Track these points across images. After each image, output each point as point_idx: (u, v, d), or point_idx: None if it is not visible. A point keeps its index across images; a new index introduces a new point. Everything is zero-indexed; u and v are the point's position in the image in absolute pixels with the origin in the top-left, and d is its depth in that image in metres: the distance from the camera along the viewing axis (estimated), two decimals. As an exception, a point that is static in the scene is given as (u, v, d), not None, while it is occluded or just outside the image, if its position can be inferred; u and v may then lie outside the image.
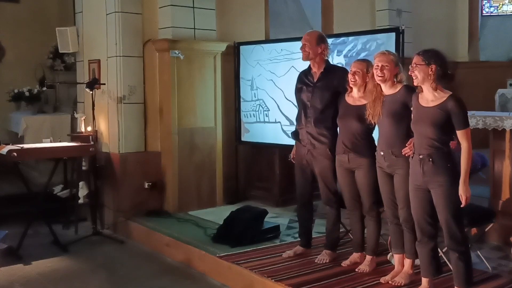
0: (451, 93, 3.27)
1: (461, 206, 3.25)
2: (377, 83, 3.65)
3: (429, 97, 3.30)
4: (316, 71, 4.25)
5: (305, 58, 4.26)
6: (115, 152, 5.88)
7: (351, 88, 3.98)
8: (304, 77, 4.35)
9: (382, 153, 3.66)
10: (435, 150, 3.28)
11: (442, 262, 3.69)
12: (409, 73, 3.35)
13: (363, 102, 3.87)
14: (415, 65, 3.29)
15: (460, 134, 3.22)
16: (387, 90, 3.65)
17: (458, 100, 3.24)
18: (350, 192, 4.05)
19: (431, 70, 3.24)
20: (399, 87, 3.64)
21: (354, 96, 3.99)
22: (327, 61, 4.30)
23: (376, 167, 3.80)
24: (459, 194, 3.23)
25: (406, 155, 3.48)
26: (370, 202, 3.93)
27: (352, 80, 3.92)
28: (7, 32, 8.18)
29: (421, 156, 3.32)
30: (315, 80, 4.24)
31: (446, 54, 3.34)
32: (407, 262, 3.79)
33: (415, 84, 3.34)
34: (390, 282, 3.73)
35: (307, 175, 4.32)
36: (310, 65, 4.31)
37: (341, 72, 4.19)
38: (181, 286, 4.40)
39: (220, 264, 4.37)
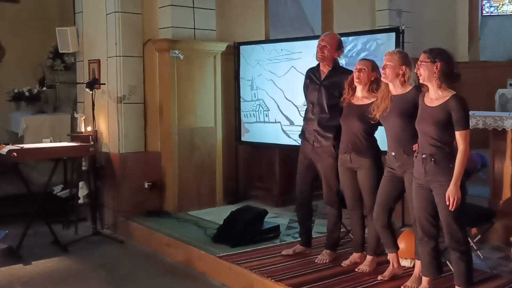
0: (454, 92, 3.25)
1: (450, 209, 3.19)
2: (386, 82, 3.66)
3: (434, 96, 3.29)
4: (324, 70, 4.25)
5: (321, 59, 4.22)
6: (115, 152, 5.88)
7: (352, 90, 3.98)
8: (311, 75, 4.35)
9: (393, 154, 3.63)
10: (437, 150, 3.26)
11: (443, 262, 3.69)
12: (415, 70, 3.35)
13: (366, 102, 3.87)
14: (420, 62, 3.28)
15: (458, 135, 3.19)
16: (396, 90, 3.63)
17: (461, 100, 3.21)
18: (352, 191, 4.04)
19: (436, 68, 3.21)
20: (409, 87, 3.62)
21: (358, 96, 3.98)
22: (336, 61, 4.28)
23: (377, 167, 3.84)
24: (446, 195, 3.19)
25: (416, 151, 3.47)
26: (371, 202, 3.89)
27: (357, 78, 3.92)
28: (7, 32, 8.17)
29: (423, 156, 3.31)
30: (322, 78, 4.24)
31: (453, 53, 3.31)
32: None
33: (420, 81, 3.33)
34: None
35: (309, 173, 4.30)
36: (319, 63, 4.30)
37: (348, 73, 4.13)
38: (181, 286, 4.40)
39: (220, 264, 4.37)
